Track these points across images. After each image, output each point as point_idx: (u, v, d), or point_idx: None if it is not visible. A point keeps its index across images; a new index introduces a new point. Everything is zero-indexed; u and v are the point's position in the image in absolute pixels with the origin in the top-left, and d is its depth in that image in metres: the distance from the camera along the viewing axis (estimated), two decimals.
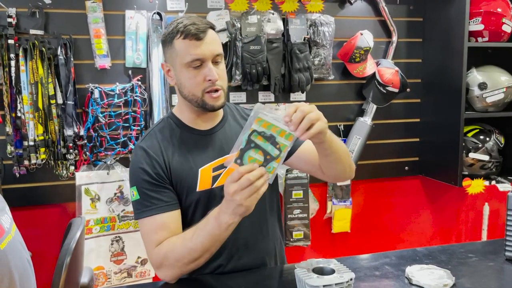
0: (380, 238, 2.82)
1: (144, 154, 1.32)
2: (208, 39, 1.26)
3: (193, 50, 1.25)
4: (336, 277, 1.07)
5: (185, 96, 1.33)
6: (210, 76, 1.26)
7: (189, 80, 1.29)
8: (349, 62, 2.50)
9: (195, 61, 1.26)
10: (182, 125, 1.38)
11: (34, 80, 2.05)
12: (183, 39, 1.26)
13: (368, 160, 2.65)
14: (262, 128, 1.09)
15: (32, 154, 2.07)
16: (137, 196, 1.31)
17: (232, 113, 1.47)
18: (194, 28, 1.25)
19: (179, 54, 1.28)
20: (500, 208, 2.96)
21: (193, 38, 1.25)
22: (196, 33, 1.24)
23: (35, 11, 2.08)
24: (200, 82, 1.28)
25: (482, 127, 2.58)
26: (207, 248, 1.21)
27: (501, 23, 2.44)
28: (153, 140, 1.36)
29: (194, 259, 1.23)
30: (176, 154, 1.34)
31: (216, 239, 1.20)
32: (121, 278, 2.27)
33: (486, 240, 2.78)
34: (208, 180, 1.33)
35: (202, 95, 1.29)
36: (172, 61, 1.32)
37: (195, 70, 1.27)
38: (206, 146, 1.36)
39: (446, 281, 1.22)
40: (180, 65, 1.29)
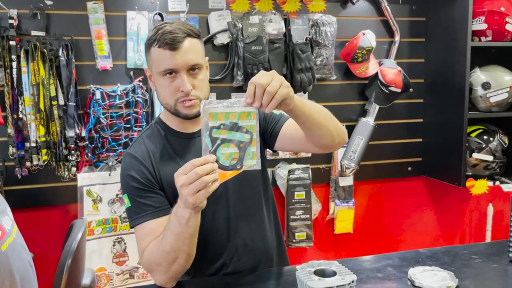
0: (383, 239, 2.80)
1: (132, 160, 1.32)
2: (184, 49, 1.22)
3: (166, 60, 1.23)
4: (338, 279, 1.06)
5: (161, 103, 1.32)
6: (182, 88, 1.24)
7: (163, 89, 1.27)
8: (351, 62, 2.49)
9: (167, 70, 1.24)
10: (169, 130, 1.38)
11: (35, 82, 2.05)
12: (158, 48, 1.23)
13: (370, 160, 2.64)
14: (219, 121, 1.06)
15: (34, 155, 2.07)
16: (128, 204, 1.30)
17: None
18: (169, 37, 1.21)
19: (155, 62, 1.26)
20: (504, 208, 2.94)
21: (167, 48, 1.22)
22: (170, 43, 1.21)
23: (36, 12, 2.08)
24: (173, 92, 1.26)
25: (486, 127, 2.57)
26: (177, 248, 1.18)
27: (504, 22, 2.42)
28: (141, 146, 1.35)
29: (172, 260, 1.20)
30: (164, 158, 1.33)
31: (181, 237, 1.16)
32: (123, 280, 2.27)
33: (489, 242, 2.76)
34: None
35: (175, 104, 1.28)
36: (151, 67, 1.31)
37: (169, 79, 1.25)
38: (193, 148, 1.35)
39: (449, 283, 1.20)
40: (156, 73, 1.28)
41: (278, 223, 1.52)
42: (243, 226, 1.37)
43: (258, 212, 1.42)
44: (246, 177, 1.35)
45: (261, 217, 1.43)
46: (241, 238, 1.37)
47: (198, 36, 1.29)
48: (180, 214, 1.13)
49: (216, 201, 1.34)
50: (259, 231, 1.42)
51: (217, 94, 2.36)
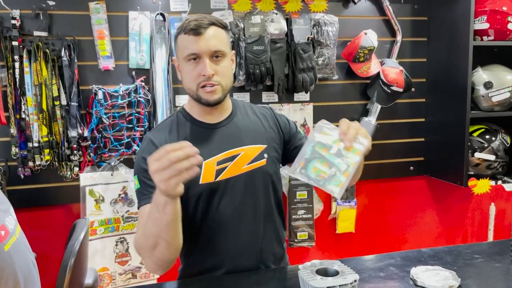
0: (385, 239, 2.80)
1: (149, 145, 1.34)
2: (208, 35, 1.28)
3: (190, 44, 1.29)
4: (340, 279, 1.06)
5: (186, 90, 1.36)
6: (204, 72, 1.28)
7: (187, 74, 1.32)
8: (353, 61, 2.49)
9: (192, 55, 1.29)
10: (191, 119, 1.40)
11: (38, 82, 2.05)
12: (184, 34, 1.30)
13: (372, 160, 2.64)
14: (326, 142, 1.11)
15: (37, 155, 2.07)
16: (138, 185, 1.32)
17: (244, 109, 1.48)
18: (194, 23, 1.28)
19: (180, 48, 1.32)
20: (506, 208, 2.94)
21: (192, 33, 1.28)
22: (195, 28, 1.27)
23: (39, 12, 2.09)
24: (195, 77, 1.30)
25: (488, 126, 2.56)
26: (157, 234, 1.16)
27: (506, 22, 2.42)
28: (160, 132, 1.38)
29: (152, 245, 1.18)
30: None
31: (159, 223, 1.14)
32: (126, 279, 2.28)
33: (492, 241, 2.76)
34: (211, 173, 1.34)
35: (197, 89, 1.31)
36: (177, 55, 1.37)
37: (192, 65, 1.30)
38: (212, 139, 1.37)
39: (452, 283, 1.20)
40: (181, 59, 1.33)
41: (284, 227, 1.53)
42: (244, 226, 1.38)
43: (259, 214, 1.42)
44: (259, 175, 1.39)
45: (261, 219, 1.43)
46: (241, 238, 1.38)
47: (224, 28, 1.34)
48: (157, 200, 1.12)
49: (222, 195, 1.35)
50: (260, 233, 1.42)
51: None
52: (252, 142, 1.40)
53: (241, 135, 1.40)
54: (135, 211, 2.26)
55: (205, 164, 1.33)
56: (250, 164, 1.38)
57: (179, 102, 2.30)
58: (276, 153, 1.46)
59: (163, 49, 2.22)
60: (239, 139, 1.39)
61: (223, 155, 1.36)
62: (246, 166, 1.37)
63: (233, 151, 1.37)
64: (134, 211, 2.26)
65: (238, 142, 1.38)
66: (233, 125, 1.41)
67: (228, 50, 1.35)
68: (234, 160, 1.36)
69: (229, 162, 1.35)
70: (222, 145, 1.37)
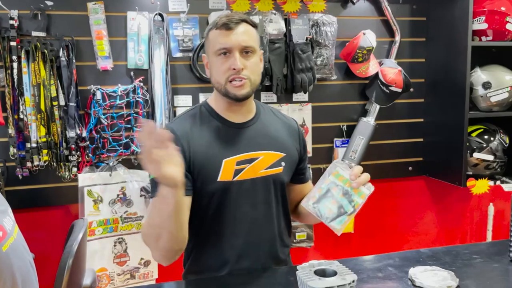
0: (384, 239, 2.80)
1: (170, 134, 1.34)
2: (238, 31, 1.31)
3: (221, 39, 1.31)
4: (338, 279, 1.06)
5: (214, 85, 1.37)
6: (234, 65, 1.30)
7: (216, 68, 1.34)
8: (351, 62, 2.49)
9: (222, 49, 1.31)
10: (215, 114, 1.41)
11: (36, 82, 2.05)
12: (215, 30, 1.33)
13: (371, 160, 2.64)
14: (338, 182, 1.24)
15: (35, 156, 2.07)
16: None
17: (268, 114, 1.50)
18: (226, 19, 1.31)
19: (211, 43, 1.34)
20: (505, 208, 2.94)
21: (223, 28, 1.31)
22: (226, 23, 1.30)
23: (37, 13, 2.08)
24: (224, 71, 1.32)
25: (487, 126, 2.56)
26: (160, 225, 1.18)
27: (505, 22, 2.42)
28: (183, 123, 1.39)
29: (156, 236, 1.20)
30: (202, 141, 1.36)
31: (162, 213, 1.16)
32: (124, 280, 2.27)
33: (490, 241, 2.76)
34: (230, 172, 1.35)
35: (225, 83, 1.32)
36: (207, 51, 1.38)
37: (222, 59, 1.32)
38: (234, 138, 1.38)
39: (450, 283, 1.20)
40: (211, 54, 1.34)
41: (290, 230, 1.55)
42: (251, 229, 1.40)
43: (267, 217, 1.44)
44: (274, 181, 1.42)
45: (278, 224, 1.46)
46: (248, 239, 1.39)
47: (254, 26, 1.37)
48: (160, 191, 1.13)
49: (237, 196, 1.37)
50: (266, 235, 1.43)
51: None
52: (272, 148, 1.42)
53: (262, 140, 1.42)
54: (133, 212, 2.26)
55: (225, 162, 1.35)
56: (267, 169, 1.40)
57: (177, 103, 2.30)
58: (292, 165, 1.48)
59: (162, 49, 2.22)
60: (259, 143, 1.41)
61: (243, 156, 1.37)
62: (263, 171, 1.40)
63: (252, 154, 1.38)
64: (133, 211, 2.26)
65: (258, 146, 1.40)
66: (255, 128, 1.42)
67: (258, 48, 1.37)
68: (253, 163, 1.38)
69: (247, 164, 1.37)
70: (242, 146, 1.38)
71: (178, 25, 2.27)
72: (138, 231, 2.27)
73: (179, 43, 2.27)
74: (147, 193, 2.27)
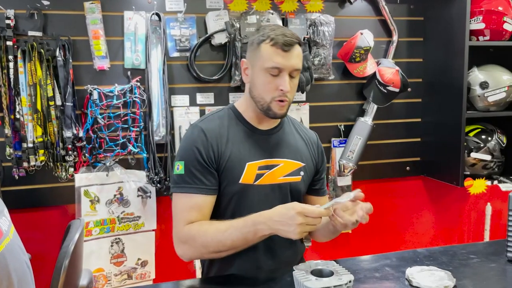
0: (381, 239, 2.80)
1: (202, 134, 1.38)
2: (293, 53, 1.33)
3: (276, 58, 1.32)
4: (335, 279, 1.06)
5: (254, 97, 1.40)
6: (283, 87, 1.33)
7: (263, 85, 1.36)
8: (349, 62, 2.49)
9: (275, 69, 1.33)
10: (242, 119, 1.45)
11: (32, 82, 2.04)
12: (271, 46, 1.33)
13: (369, 160, 2.64)
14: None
15: (31, 156, 2.06)
16: (181, 171, 1.36)
17: (291, 126, 1.55)
18: (284, 39, 1.32)
19: (263, 57, 1.35)
20: (502, 208, 2.94)
21: (280, 48, 1.32)
22: (285, 44, 1.31)
23: (33, 12, 2.07)
24: (272, 89, 1.35)
25: (484, 126, 2.56)
26: (235, 246, 1.28)
27: (502, 22, 2.42)
28: (212, 123, 1.42)
29: (220, 250, 1.30)
30: (229, 143, 1.39)
31: (247, 243, 1.27)
32: (121, 280, 2.27)
33: (488, 241, 2.76)
34: (251, 176, 1.39)
35: (270, 101, 1.36)
36: (253, 61, 1.39)
37: (271, 77, 1.34)
38: (258, 144, 1.43)
39: (447, 283, 1.20)
40: (260, 68, 1.36)
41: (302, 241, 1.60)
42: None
43: None
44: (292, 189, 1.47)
45: None
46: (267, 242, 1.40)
47: (301, 45, 1.40)
48: (261, 231, 1.24)
49: (255, 199, 1.41)
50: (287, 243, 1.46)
51: (215, 94, 2.35)
52: (292, 157, 1.47)
53: (284, 148, 1.46)
54: (130, 212, 2.25)
55: (248, 165, 1.39)
56: (286, 176, 1.45)
57: (174, 103, 2.29)
58: (309, 176, 1.53)
59: (159, 49, 2.22)
60: (281, 150, 1.45)
61: (265, 161, 1.42)
62: (282, 178, 1.44)
63: (274, 160, 1.43)
64: (130, 211, 2.25)
65: (279, 153, 1.45)
66: (278, 136, 1.48)
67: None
68: (273, 169, 1.42)
69: (267, 170, 1.41)
70: (265, 152, 1.43)
71: (175, 24, 2.26)
72: (135, 231, 2.27)
73: (176, 43, 2.27)
74: (144, 193, 2.26)
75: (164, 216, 2.35)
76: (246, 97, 1.45)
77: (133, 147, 2.22)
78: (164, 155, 2.25)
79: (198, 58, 2.31)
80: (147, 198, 2.27)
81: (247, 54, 1.43)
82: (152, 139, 2.21)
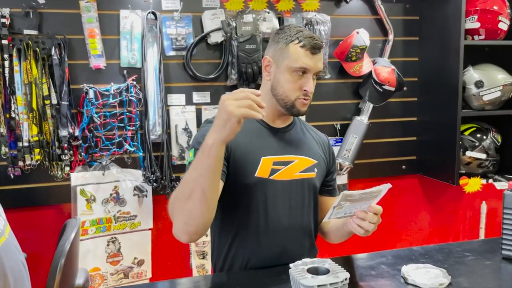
0: (377, 237, 2.79)
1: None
2: (319, 56, 1.40)
3: (305, 59, 1.37)
4: (331, 277, 1.06)
5: (276, 94, 1.42)
6: (308, 88, 1.38)
7: (288, 84, 1.39)
8: (345, 61, 2.50)
9: (302, 69, 1.37)
10: None
11: (28, 81, 2.04)
12: (300, 47, 1.37)
13: (365, 159, 2.64)
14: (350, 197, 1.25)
15: (27, 155, 2.05)
16: (192, 157, 1.34)
17: (302, 125, 1.58)
18: (314, 42, 1.37)
19: (290, 57, 1.38)
20: (497, 206, 2.96)
21: (309, 50, 1.37)
22: (314, 46, 1.37)
23: (29, 11, 2.07)
24: (297, 89, 1.39)
25: (479, 125, 2.58)
26: (194, 179, 1.17)
27: (497, 21, 2.44)
28: None
29: (187, 194, 1.18)
30: (243, 137, 1.38)
31: (200, 166, 1.17)
32: (118, 279, 2.26)
33: (483, 239, 2.78)
34: (267, 170, 1.41)
35: (295, 100, 1.40)
36: (278, 60, 1.41)
37: (297, 77, 1.38)
38: (273, 140, 1.45)
39: (442, 280, 1.21)
40: (286, 67, 1.39)
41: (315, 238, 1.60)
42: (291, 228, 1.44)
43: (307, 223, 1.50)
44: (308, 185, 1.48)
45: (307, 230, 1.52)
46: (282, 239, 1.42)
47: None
48: (205, 142, 1.15)
49: (269, 193, 1.40)
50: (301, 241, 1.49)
51: (211, 93, 2.35)
52: (306, 154, 1.49)
53: (298, 145, 1.49)
54: (126, 211, 2.25)
55: (263, 160, 1.40)
56: (301, 172, 1.46)
57: (171, 101, 2.29)
58: (322, 174, 1.54)
59: (155, 48, 2.21)
60: (295, 147, 1.48)
61: (280, 157, 1.43)
62: (298, 174, 1.46)
63: (289, 156, 1.45)
64: (126, 210, 2.25)
65: (294, 150, 1.47)
66: (292, 133, 1.51)
67: None
68: (288, 165, 1.44)
69: (283, 166, 1.43)
70: (280, 148, 1.45)
71: (172, 23, 2.26)
72: (131, 230, 2.27)
73: (172, 42, 2.27)
74: (140, 192, 2.26)
75: (161, 215, 2.35)
76: (264, 94, 1.41)
77: (129, 146, 2.22)
78: (160, 154, 2.25)
79: (194, 57, 2.31)
80: (143, 197, 2.27)
81: (271, 52, 1.44)
82: (148, 138, 2.21)
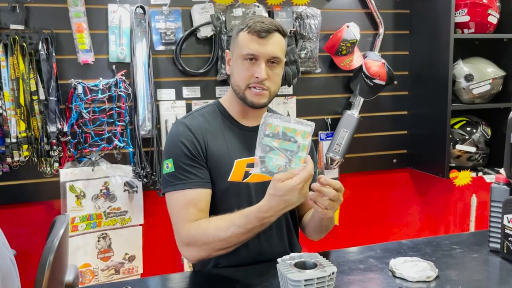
0: (368, 231, 2.82)
1: (186, 130, 1.36)
2: (270, 40, 1.32)
3: (251, 45, 1.32)
4: (318, 271, 1.06)
5: (232, 85, 1.39)
6: (258, 74, 1.32)
7: (239, 72, 1.35)
8: (335, 55, 2.49)
9: (250, 55, 1.32)
10: (228, 116, 1.43)
11: (15, 76, 2.01)
12: (247, 33, 1.33)
13: (356, 153, 2.65)
14: (275, 133, 1.14)
15: (15, 151, 2.03)
16: (171, 169, 1.33)
17: None
18: (260, 26, 1.31)
19: (239, 45, 1.35)
20: (487, 199, 2.94)
21: (255, 35, 1.31)
22: (260, 30, 1.31)
23: (15, 5, 2.04)
24: (247, 77, 1.34)
25: (469, 118, 2.59)
26: (241, 241, 1.25)
27: (487, 14, 2.44)
28: (196, 120, 1.40)
29: (225, 247, 1.26)
30: (216, 139, 1.38)
31: (252, 233, 1.24)
32: (109, 275, 2.26)
33: (471, 232, 2.80)
34: (240, 173, 1.37)
35: (245, 89, 1.35)
36: (233, 51, 1.39)
37: (248, 64, 1.33)
38: (246, 141, 1.40)
39: (429, 273, 1.22)
40: (237, 56, 1.35)
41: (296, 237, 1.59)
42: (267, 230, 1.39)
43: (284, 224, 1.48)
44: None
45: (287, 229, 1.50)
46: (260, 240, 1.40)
47: (285, 35, 1.38)
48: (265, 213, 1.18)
49: (245, 197, 1.38)
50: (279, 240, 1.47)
51: (201, 88, 2.34)
52: None
53: None
54: (117, 207, 2.24)
55: (236, 162, 1.37)
56: None
57: (160, 96, 2.28)
58: None
59: (144, 42, 2.20)
60: None
61: (253, 159, 1.37)
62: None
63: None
64: (116, 206, 2.24)
65: None
66: None
67: (283, 58, 1.38)
68: None
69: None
70: (253, 149, 1.38)
71: (160, 17, 2.24)
72: (122, 226, 2.26)
73: (162, 36, 2.25)
74: (131, 187, 2.25)
75: (151, 210, 2.34)
76: (230, 91, 1.44)
77: (118, 142, 2.21)
78: (150, 149, 2.24)
79: (184, 51, 2.29)
80: (134, 193, 2.26)
81: (230, 45, 1.43)
82: (138, 134, 2.20)
